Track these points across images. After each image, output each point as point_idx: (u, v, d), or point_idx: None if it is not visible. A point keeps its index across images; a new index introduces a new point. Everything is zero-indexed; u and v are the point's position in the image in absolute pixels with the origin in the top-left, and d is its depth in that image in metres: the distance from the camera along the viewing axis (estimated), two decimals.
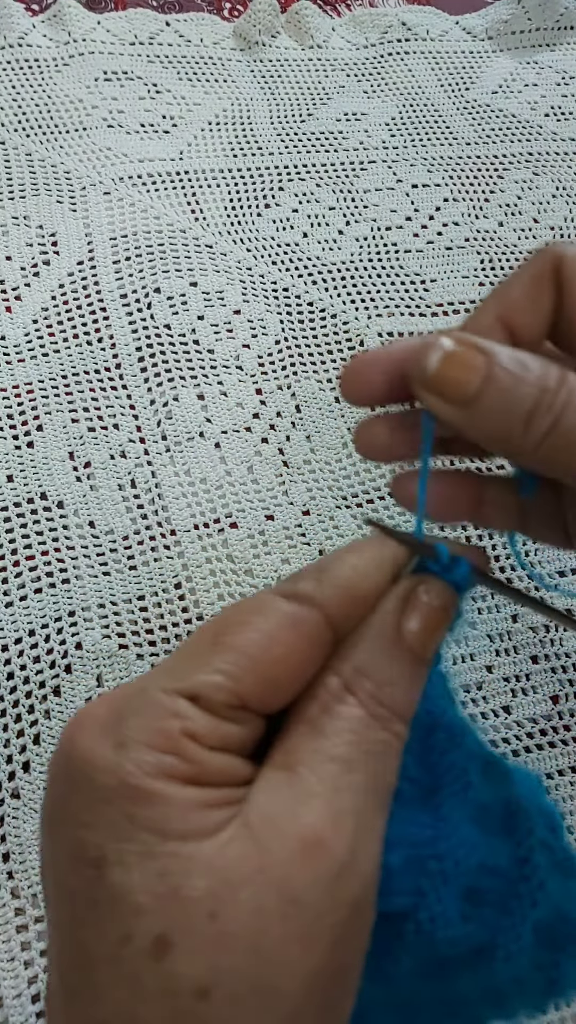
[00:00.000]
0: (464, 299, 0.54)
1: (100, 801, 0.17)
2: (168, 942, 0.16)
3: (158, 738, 0.17)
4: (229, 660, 0.18)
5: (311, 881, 0.16)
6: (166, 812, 0.17)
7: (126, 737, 0.17)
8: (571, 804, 0.40)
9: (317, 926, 0.16)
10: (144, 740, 0.17)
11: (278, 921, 0.16)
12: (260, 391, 0.49)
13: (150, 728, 0.17)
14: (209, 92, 0.61)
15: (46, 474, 0.45)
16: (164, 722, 0.18)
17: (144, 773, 0.17)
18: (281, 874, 0.16)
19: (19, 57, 0.59)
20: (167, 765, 0.17)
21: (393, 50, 0.65)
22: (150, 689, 0.18)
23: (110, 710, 0.18)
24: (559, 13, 0.67)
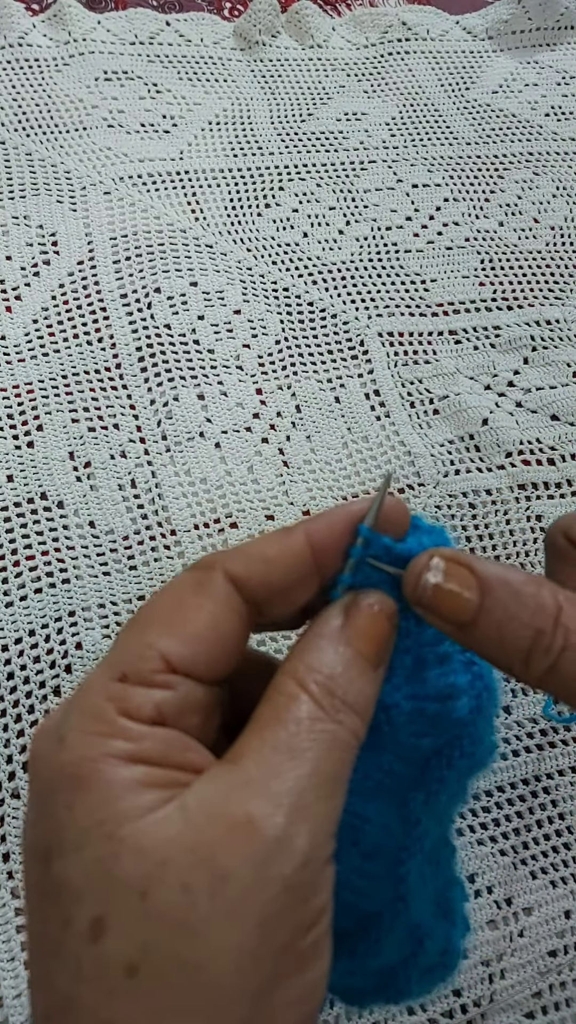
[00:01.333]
0: (464, 299, 0.54)
1: (43, 796, 0.18)
2: (103, 924, 0.16)
3: (94, 723, 0.18)
4: (146, 632, 0.19)
5: (239, 859, 0.17)
6: (102, 795, 0.17)
7: (66, 729, 0.18)
8: (571, 804, 0.40)
9: (245, 903, 0.17)
10: (81, 728, 0.18)
11: (206, 898, 0.16)
12: (260, 391, 0.49)
13: (85, 715, 0.18)
14: (209, 92, 0.61)
15: (46, 474, 0.45)
16: (97, 706, 0.18)
17: (82, 759, 0.18)
18: (209, 853, 0.17)
19: (19, 57, 0.59)
20: (105, 747, 0.18)
21: (393, 50, 0.65)
22: (84, 685, 0.19)
23: (58, 711, 0.19)
24: (559, 13, 0.67)
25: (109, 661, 0.19)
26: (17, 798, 0.37)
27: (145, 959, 0.16)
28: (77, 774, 0.17)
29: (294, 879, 0.17)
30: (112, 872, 0.17)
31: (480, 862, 0.38)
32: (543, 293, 0.55)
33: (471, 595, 0.20)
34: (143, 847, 0.17)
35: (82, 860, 0.17)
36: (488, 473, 0.48)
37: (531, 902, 0.38)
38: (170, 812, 0.17)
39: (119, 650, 0.20)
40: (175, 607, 0.20)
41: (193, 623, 0.20)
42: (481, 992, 0.36)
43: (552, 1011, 0.36)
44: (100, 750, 0.18)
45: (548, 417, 0.50)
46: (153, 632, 0.19)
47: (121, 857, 0.17)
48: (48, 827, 0.18)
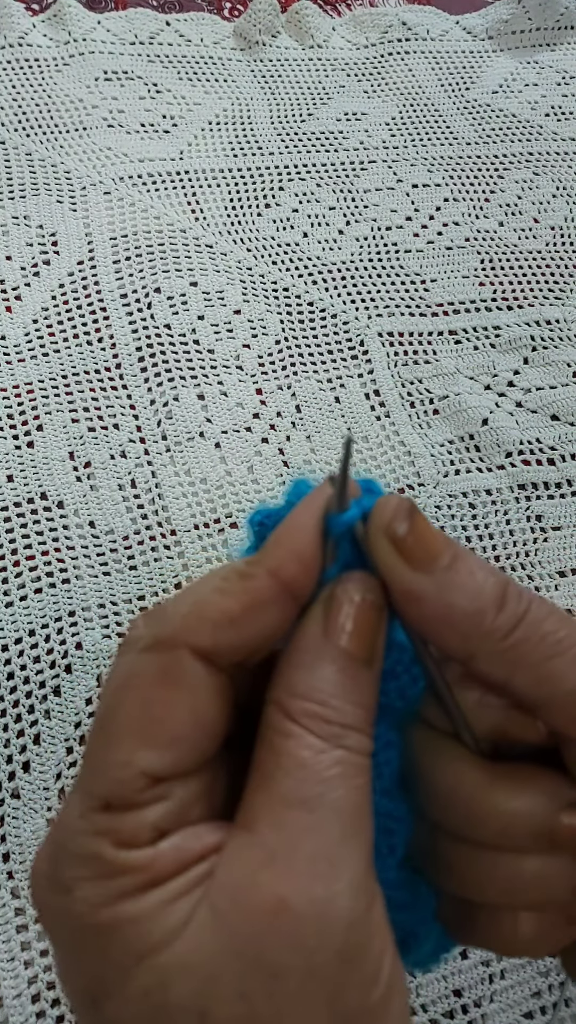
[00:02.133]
0: (464, 299, 0.54)
1: (70, 946, 0.17)
2: None
3: (94, 866, 0.17)
4: (118, 747, 0.17)
5: (285, 951, 0.16)
6: (132, 931, 0.16)
7: (66, 880, 0.17)
8: None
9: (306, 993, 0.16)
10: (82, 876, 0.17)
11: (265, 1001, 0.16)
12: (260, 391, 0.49)
13: (81, 861, 0.17)
14: (209, 92, 0.61)
15: (46, 474, 0.45)
16: (91, 848, 0.17)
17: (96, 908, 0.16)
18: (255, 952, 0.16)
19: (19, 57, 0.59)
20: (116, 888, 0.16)
21: (393, 50, 0.65)
22: (68, 820, 0.17)
23: (49, 859, 0.18)
24: (559, 13, 0.67)
25: (85, 789, 0.17)
26: (17, 798, 0.37)
27: None
28: (98, 923, 0.16)
29: (346, 946, 0.16)
30: (165, 1003, 0.16)
31: None
32: (543, 293, 0.55)
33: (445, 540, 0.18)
34: (188, 966, 0.16)
35: (131, 998, 0.16)
36: (488, 473, 0.48)
37: None
38: (203, 918, 0.16)
39: (93, 774, 0.17)
40: (143, 709, 0.17)
41: (169, 725, 0.17)
42: (481, 992, 0.36)
43: (552, 1011, 0.36)
44: (112, 893, 0.16)
45: (548, 417, 0.50)
46: (125, 746, 0.17)
47: (169, 984, 0.16)
48: (87, 974, 0.17)
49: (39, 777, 0.38)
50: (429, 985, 0.36)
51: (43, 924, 0.18)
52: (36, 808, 0.37)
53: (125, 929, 0.16)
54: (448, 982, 0.36)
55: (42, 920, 0.18)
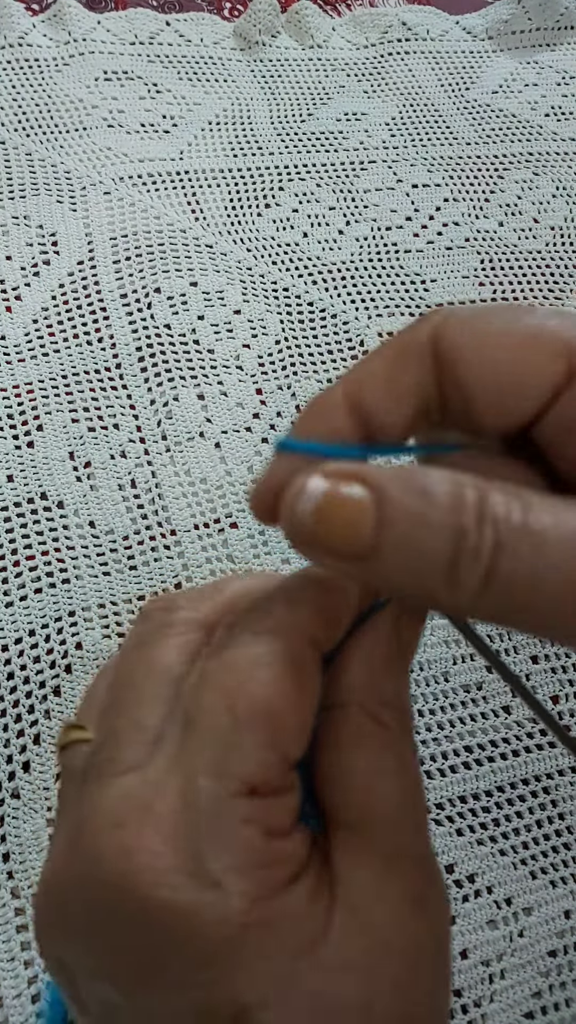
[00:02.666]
0: (464, 299, 0.54)
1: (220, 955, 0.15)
2: None
3: (247, 856, 0.15)
4: (260, 730, 0.16)
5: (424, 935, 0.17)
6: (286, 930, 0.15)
7: (216, 872, 0.15)
8: (571, 804, 0.40)
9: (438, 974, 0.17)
10: (234, 866, 0.15)
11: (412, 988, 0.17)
12: (260, 391, 0.49)
13: (232, 848, 0.15)
14: (209, 92, 0.61)
15: (46, 474, 0.45)
16: (243, 835, 0.16)
17: (253, 901, 0.15)
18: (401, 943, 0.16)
19: (19, 57, 0.59)
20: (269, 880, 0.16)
21: (393, 50, 0.65)
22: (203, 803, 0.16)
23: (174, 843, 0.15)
24: (559, 13, 0.67)
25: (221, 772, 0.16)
26: (17, 798, 0.37)
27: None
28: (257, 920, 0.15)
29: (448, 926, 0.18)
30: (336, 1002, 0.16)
31: (480, 862, 0.38)
32: (543, 293, 0.55)
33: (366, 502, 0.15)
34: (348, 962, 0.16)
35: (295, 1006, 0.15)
36: None
37: (531, 902, 0.38)
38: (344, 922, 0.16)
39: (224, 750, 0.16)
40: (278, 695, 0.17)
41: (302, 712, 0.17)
42: (481, 992, 0.36)
43: (552, 1011, 0.36)
44: (267, 885, 0.16)
45: None
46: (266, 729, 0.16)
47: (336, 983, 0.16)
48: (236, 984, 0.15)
49: (39, 777, 0.38)
50: None
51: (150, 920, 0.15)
52: (36, 808, 0.37)
53: (282, 926, 0.15)
54: None
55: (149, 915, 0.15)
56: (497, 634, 0.43)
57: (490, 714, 0.42)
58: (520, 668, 0.43)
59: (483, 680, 0.42)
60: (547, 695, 0.42)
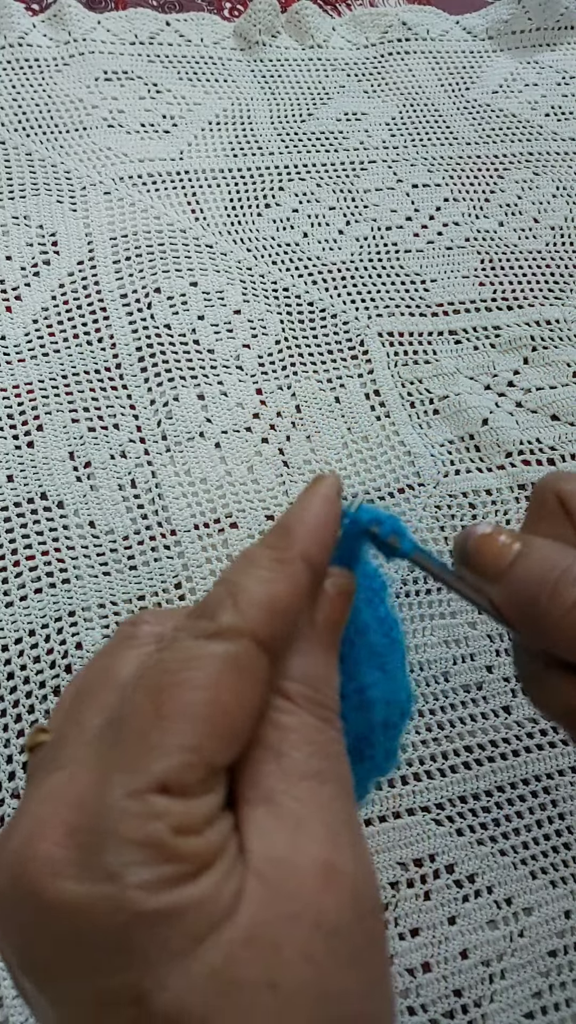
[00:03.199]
0: (464, 299, 0.54)
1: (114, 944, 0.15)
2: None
3: (150, 851, 0.16)
4: (183, 732, 0.17)
5: (338, 907, 0.17)
6: (189, 917, 0.16)
7: (111, 866, 0.16)
8: (571, 804, 0.40)
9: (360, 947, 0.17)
10: (135, 860, 0.16)
11: (329, 960, 0.16)
12: (260, 391, 0.49)
13: (135, 845, 0.16)
14: (209, 92, 0.61)
15: (46, 474, 0.45)
16: (147, 831, 0.16)
17: (152, 893, 0.15)
18: (312, 914, 0.16)
19: (19, 57, 0.59)
20: (173, 873, 0.16)
21: (393, 50, 0.65)
22: (113, 798, 0.16)
23: (74, 839, 0.16)
24: (559, 13, 0.67)
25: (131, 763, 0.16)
26: (17, 798, 0.37)
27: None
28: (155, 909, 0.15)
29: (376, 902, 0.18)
30: (235, 978, 0.15)
31: (480, 862, 0.38)
32: (543, 293, 0.55)
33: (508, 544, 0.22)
34: (252, 938, 0.16)
35: (194, 983, 0.15)
36: (488, 473, 0.48)
37: (531, 902, 0.38)
38: (253, 890, 0.16)
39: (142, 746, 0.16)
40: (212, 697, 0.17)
41: (238, 717, 0.17)
42: (481, 992, 0.36)
43: (552, 1011, 0.36)
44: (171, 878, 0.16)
45: (548, 417, 0.50)
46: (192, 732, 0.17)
47: (237, 959, 0.15)
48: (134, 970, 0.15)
49: None
50: (429, 985, 0.36)
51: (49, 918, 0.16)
52: None
53: (185, 913, 0.16)
54: (448, 982, 0.36)
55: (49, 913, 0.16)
56: (498, 635, 0.43)
57: (490, 714, 0.41)
58: None
59: (483, 680, 0.42)
60: None
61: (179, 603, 0.42)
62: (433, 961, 0.36)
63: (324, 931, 0.16)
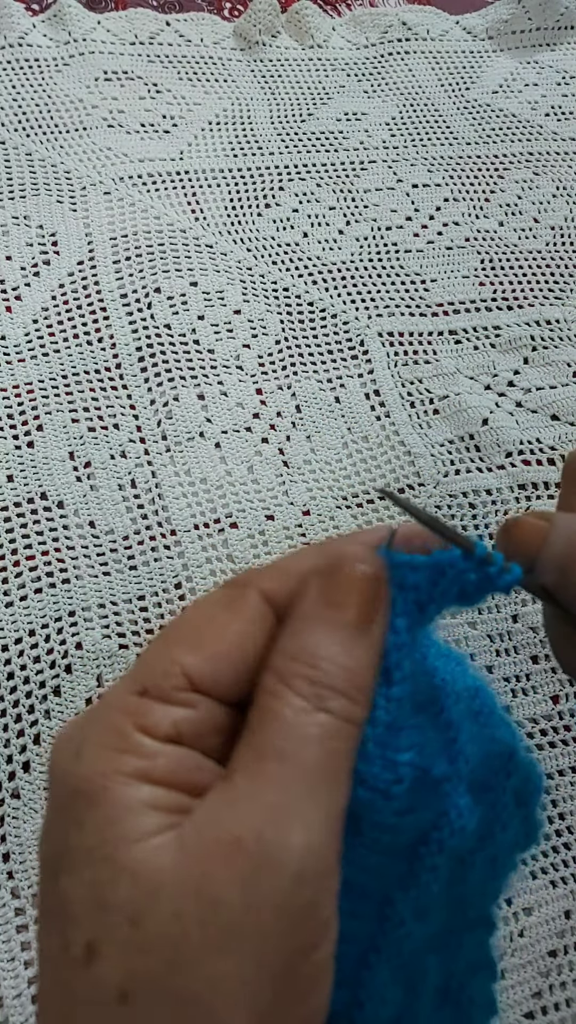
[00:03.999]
0: (464, 299, 0.54)
1: (57, 809, 0.18)
2: (95, 950, 0.16)
3: (110, 737, 0.18)
4: (172, 647, 0.19)
5: (227, 884, 0.16)
6: (108, 814, 0.17)
7: (82, 743, 0.18)
8: (571, 804, 0.40)
9: (236, 931, 0.16)
10: (97, 741, 0.18)
11: (197, 928, 0.16)
12: (260, 391, 0.49)
13: (103, 729, 0.18)
14: (209, 92, 0.61)
15: (46, 474, 0.45)
16: (115, 720, 0.18)
17: (94, 774, 0.17)
18: (199, 880, 0.16)
19: (19, 57, 0.59)
20: (118, 763, 0.17)
21: (393, 50, 0.65)
22: (107, 697, 0.19)
23: (75, 725, 0.19)
24: (559, 13, 0.67)
25: (132, 675, 0.19)
26: (17, 798, 0.37)
27: (137, 988, 0.16)
28: (89, 789, 0.17)
29: (288, 900, 0.16)
30: (106, 898, 0.16)
31: None
32: (543, 293, 0.55)
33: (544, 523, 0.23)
34: (138, 873, 0.16)
35: (82, 881, 0.17)
36: (488, 473, 0.48)
37: (531, 902, 0.38)
38: (167, 839, 0.17)
39: (143, 664, 0.19)
40: (204, 624, 0.20)
41: (220, 641, 0.19)
42: None
43: (552, 1011, 0.36)
44: (112, 766, 0.17)
45: (548, 417, 0.50)
46: (178, 648, 0.19)
47: (116, 883, 0.16)
48: (58, 841, 0.17)
49: (39, 777, 0.38)
50: None
51: (48, 785, 0.19)
52: (36, 808, 0.37)
53: (105, 806, 0.17)
54: None
55: (49, 782, 0.19)
56: (498, 635, 0.43)
57: None
58: (520, 668, 0.43)
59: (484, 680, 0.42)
60: (547, 695, 0.42)
61: (179, 603, 0.42)
62: None
63: (202, 900, 0.16)
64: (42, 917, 0.18)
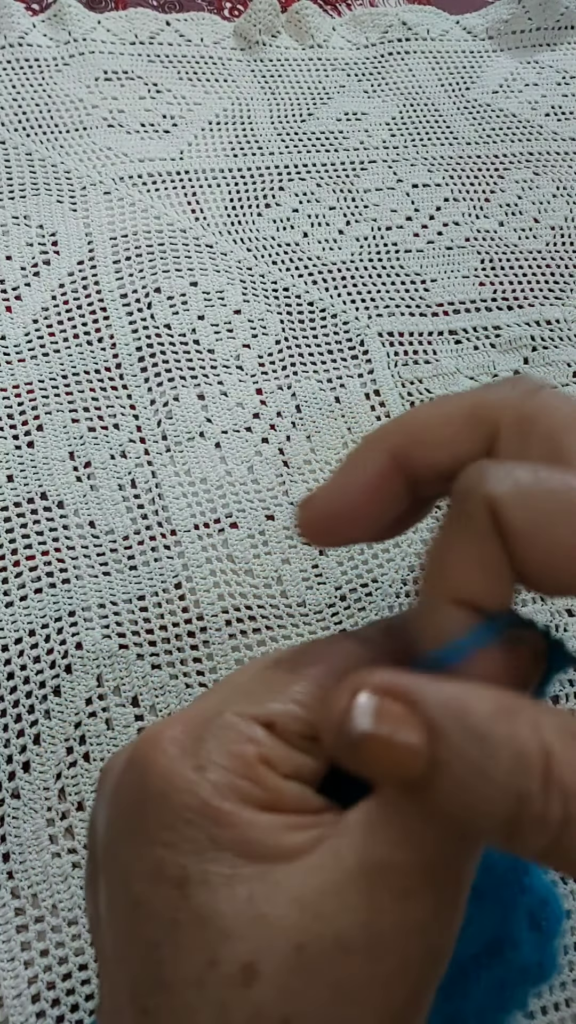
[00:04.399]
0: (464, 299, 0.54)
1: (181, 821, 0.17)
2: (255, 970, 0.15)
3: (235, 762, 0.17)
4: (304, 690, 0.18)
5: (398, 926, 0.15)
6: (249, 834, 0.16)
7: (205, 759, 0.17)
8: None
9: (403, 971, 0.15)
10: (222, 763, 0.17)
11: (364, 961, 0.15)
12: (260, 391, 0.49)
13: (227, 752, 0.17)
14: (209, 92, 0.61)
15: (46, 474, 0.45)
16: (240, 747, 0.17)
17: (223, 796, 0.17)
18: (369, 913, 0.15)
19: (19, 57, 0.59)
20: (244, 789, 0.17)
21: (393, 50, 0.65)
22: (227, 713, 0.18)
23: (187, 732, 0.18)
24: (560, 13, 0.67)
25: (254, 696, 0.18)
26: (17, 798, 0.37)
27: (299, 1016, 0.15)
28: (221, 808, 0.16)
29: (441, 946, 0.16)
30: (267, 917, 0.15)
31: None
32: (543, 293, 0.55)
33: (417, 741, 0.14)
34: (301, 895, 0.15)
35: (233, 897, 0.16)
36: None
37: None
38: (324, 858, 0.16)
39: (269, 688, 0.18)
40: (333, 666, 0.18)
41: None
42: None
43: (552, 1011, 0.36)
44: (240, 792, 0.17)
45: None
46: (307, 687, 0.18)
47: (277, 902, 0.15)
48: (188, 854, 0.16)
49: (39, 777, 0.38)
50: None
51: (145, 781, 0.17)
52: (36, 808, 0.37)
53: (245, 828, 0.16)
54: None
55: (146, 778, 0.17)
56: None
57: None
58: None
59: None
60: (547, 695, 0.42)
61: (179, 603, 0.42)
62: None
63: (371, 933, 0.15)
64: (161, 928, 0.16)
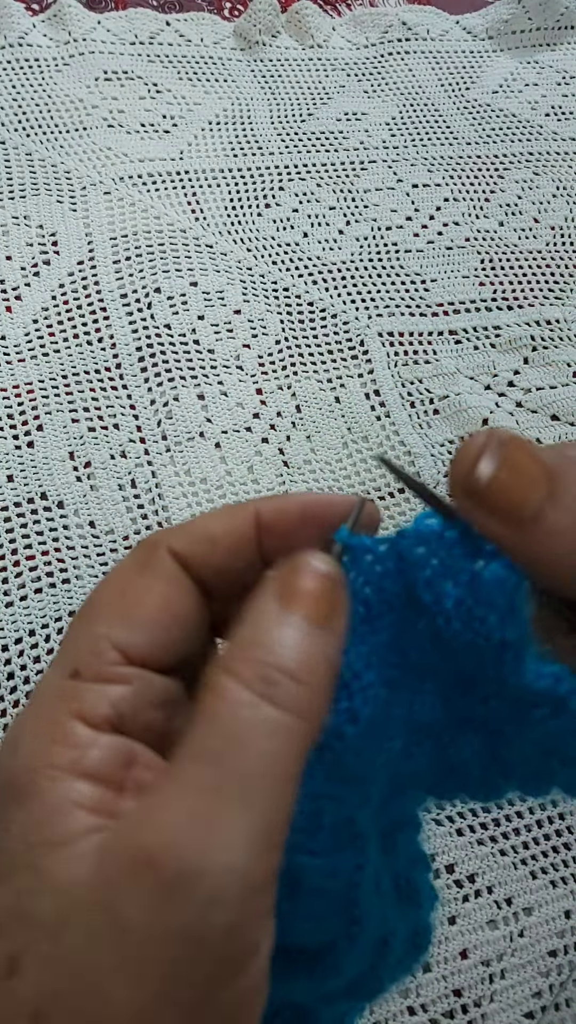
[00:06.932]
0: (464, 299, 0.54)
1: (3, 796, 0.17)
2: (16, 963, 0.15)
3: (44, 726, 0.17)
4: (96, 622, 0.18)
5: (137, 907, 0.15)
6: (37, 814, 0.16)
7: (19, 734, 0.17)
8: (571, 804, 0.40)
9: (145, 958, 0.15)
10: (32, 731, 0.17)
11: (108, 950, 0.15)
12: (260, 391, 0.49)
13: (38, 718, 0.17)
14: (209, 92, 0.61)
15: (46, 474, 0.45)
16: (49, 708, 0.17)
17: (26, 769, 0.16)
18: (112, 898, 0.15)
19: (19, 57, 0.59)
20: (50, 755, 0.16)
21: (393, 50, 0.65)
22: (39, 687, 0.18)
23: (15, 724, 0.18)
24: (559, 13, 0.67)
25: (60, 658, 0.18)
26: None
27: (53, 1007, 0.15)
28: (19, 786, 0.16)
29: (199, 927, 0.15)
30: (29, 909, 0.15)
31: (480, 862, 0.38)
32: (543, 293, 0.55)
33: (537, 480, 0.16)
34: (59, 885, 0.15)
35: (8, 890, 0.16)
36: None
37: (531, 902, 0.38)
38: (89, 846, 0.15)
39: (69, 645, 0.18)
40: (122, 592, 0.19)
41: (143, 606, 0.18)
42: (481, 992, 0.36)
43: (552, 1011, 0.36)
44: (44, 759, 0.16)
45: (548, 417, 0.50)
46: (103, 622, 0.18)
47: (39, 893, 0.15)
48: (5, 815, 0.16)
49: None
50: (429, 985, 0.36)
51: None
52: None
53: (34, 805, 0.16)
54: (448, 982, 0.36)
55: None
56: None
57: None
58: None
59: None
60: None
61: None
62: (433, 961, 0.36)
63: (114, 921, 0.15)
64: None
